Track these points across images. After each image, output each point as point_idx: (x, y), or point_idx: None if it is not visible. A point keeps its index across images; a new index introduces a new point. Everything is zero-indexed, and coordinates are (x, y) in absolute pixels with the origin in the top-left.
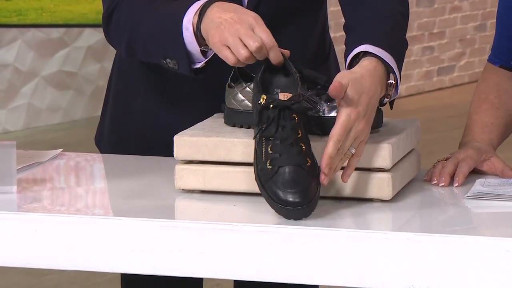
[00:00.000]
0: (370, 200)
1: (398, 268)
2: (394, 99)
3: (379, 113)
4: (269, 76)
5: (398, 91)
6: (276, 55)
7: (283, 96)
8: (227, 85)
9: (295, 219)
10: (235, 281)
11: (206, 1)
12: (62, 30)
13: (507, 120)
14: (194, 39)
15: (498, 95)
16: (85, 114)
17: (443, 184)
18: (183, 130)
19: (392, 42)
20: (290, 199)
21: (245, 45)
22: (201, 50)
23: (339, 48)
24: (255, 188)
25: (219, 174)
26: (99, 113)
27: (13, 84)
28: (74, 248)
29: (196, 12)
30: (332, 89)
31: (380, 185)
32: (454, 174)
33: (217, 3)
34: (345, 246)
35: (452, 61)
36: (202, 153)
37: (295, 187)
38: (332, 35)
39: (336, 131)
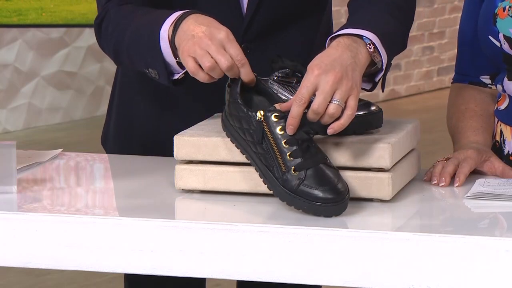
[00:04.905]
0: (370, 200)
1: (398, 268)
2: (385, 79)
3: (379, 113)
4: (245, 96)
5: (384, 63)
6: (247, 73)
7: (279, 106)
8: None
9: (337, 214)
10: (238, 281)
11: (183, 12)
12: (62, 30)
13: (491, 125)
14: (170, 50)
15: (477, 104)
16: (85, 114)
17: (443, 184)
18: None
19: (372, 22)
20: (331, 196)
21: (212, 58)
22: (177, 62)
23: None
24: (255, 188)
25: (219, 174)
26: (99, 113)
27: (13, 84)
28: (74, 248)
29: (172, 24)
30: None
31: (380, 185)
32: (454, 174)
33: (192, 16)
34: (345, 246)
35: (452, 61)
36: (202, 153)
37: (329, 183)
38: None
39: (297, 92)
